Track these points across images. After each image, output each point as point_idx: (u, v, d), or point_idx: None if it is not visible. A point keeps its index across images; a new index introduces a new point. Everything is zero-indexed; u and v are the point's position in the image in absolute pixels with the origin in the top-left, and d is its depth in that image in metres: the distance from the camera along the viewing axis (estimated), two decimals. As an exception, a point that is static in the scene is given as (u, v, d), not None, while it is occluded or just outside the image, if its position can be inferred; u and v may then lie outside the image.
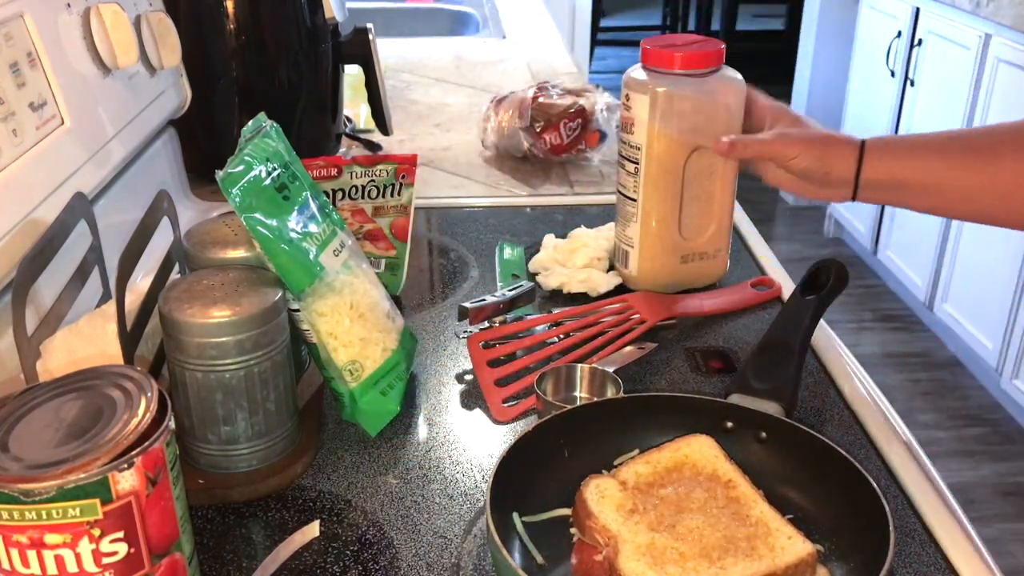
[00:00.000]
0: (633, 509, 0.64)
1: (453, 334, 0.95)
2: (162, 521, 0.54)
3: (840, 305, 2.25)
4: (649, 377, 0.89)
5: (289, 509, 0.72)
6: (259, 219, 0.70)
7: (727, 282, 1.05)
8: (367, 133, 1.51)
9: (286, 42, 1.26)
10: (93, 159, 0.88)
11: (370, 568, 0.66)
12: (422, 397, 0.86)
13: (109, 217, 0.89)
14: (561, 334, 0.93)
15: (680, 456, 0.69)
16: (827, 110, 4.07)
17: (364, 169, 0.95)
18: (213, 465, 0.73)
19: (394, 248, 0.99)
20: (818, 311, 0.82)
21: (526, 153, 1.38)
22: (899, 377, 3.08)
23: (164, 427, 0.54)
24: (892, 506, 0.65)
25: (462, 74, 1.91)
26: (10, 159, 0.74)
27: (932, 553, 0.68)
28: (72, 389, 0.56)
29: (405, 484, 0.74)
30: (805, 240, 4.04)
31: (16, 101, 0.76)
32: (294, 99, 1.28)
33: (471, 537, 0.69)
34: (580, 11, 4.14)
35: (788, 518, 0.64)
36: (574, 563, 0.64)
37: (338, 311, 0.75)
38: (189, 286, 0.71)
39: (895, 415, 0.84)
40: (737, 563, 0.60)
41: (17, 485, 0.49)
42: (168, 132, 1.17)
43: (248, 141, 0.73)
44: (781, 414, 0.73)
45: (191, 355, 0.69)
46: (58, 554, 0.51)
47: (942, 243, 3.08)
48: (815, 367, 0.90)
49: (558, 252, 1.05)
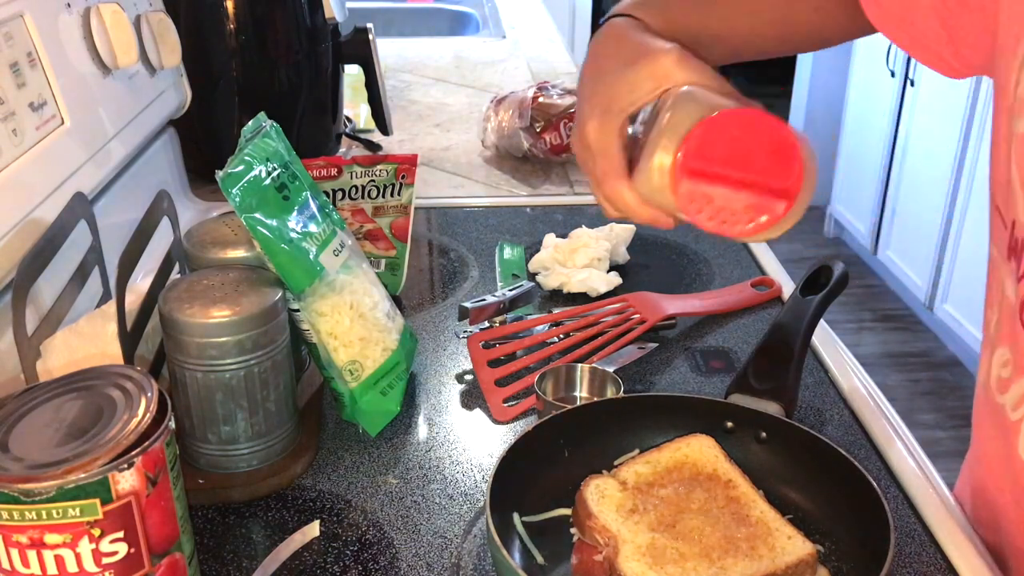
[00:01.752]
0: (633, 509, 0.64)
1: (453, 334, 0.95)
2: (162, 521, 0.54)
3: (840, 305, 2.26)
4: (649, 377, 0.89)
5: (289, 509, 0.72)
6: (259, 219, 0.70)
7: (727, 282, 1.05)
8: (367, 133, 1.51)
9: (286, 42, 1.26)
10: (93, 159, 0.88)
11: (370, 568, 0.66)
12: (422, 397, 0.86)
13: (109, 217, 0.89)
14: (561, 334, 0.93)
15: (680, 456, 0.69)
16: (827, 110, 4.08)
17: (364, 169, 0.95)
18: (213, 465, 0.73)
19: (394, 248, 0.99)
20: (818, 311, 0.82)
21: (526, 153, 1.38)
22: (899, 377, 3.09)
23: (164, 427, 0.54)
24: (892, 506, 0.65)
25: (462, 74, 1.91)
26: (10, 159, 0.74)
27: (932, 553, 0.68)
28: (72, 389, 0.56)
29: (405, 484, 0.74)
30: (805, 240, 4.04)
31: (16, 101, 0.76)
32: (294, 99, 1.28)
33: (471, 537, 0.69)
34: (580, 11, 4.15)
35: (788, 518, 0.64)
36: (574, 563, 0.64)
37: (338, 311, 0.75)
38: (189, 286, 0.71)
39: (895, 415, 0.84)
40: (737, 563, 0.60)
41: (17, 485, 0.49)
42: (168, 132, 1.17)
43: (248, 141, 0.73)
44: (781, 414, 0.73)
45: (191, 355, 0.69)
46: (58, 554, 0.51)
47: (942, 243, 3.08)
48: (815, 367, 0.90)
49: (558, 252, 1.05)
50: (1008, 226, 0.63)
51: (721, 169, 0.56)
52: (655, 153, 0.59)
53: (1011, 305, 0.64)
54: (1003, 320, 0.66)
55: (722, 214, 0.57)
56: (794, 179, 0.56)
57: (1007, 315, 0.65)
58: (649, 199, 0.62)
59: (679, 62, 0.62)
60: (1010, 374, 0.65)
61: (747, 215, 0.57)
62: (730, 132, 0.56)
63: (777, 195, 0.56)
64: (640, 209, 0.64)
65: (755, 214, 0.57)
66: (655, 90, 0.63)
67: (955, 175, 2.99)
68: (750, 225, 0.57)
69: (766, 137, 0.56)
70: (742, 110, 0.57)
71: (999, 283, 0.67)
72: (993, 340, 0.68)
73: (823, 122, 4.12)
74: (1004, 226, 0.64)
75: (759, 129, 0.56)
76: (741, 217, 0.57)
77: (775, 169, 0.56)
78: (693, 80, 0.61)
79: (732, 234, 0.58)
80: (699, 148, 0.56)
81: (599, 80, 0.67)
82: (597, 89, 0.67)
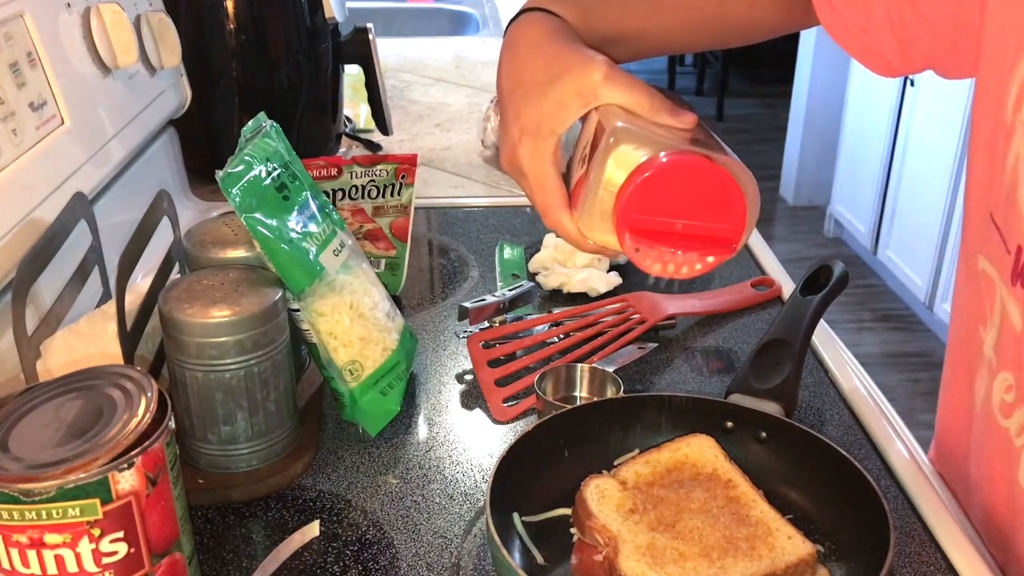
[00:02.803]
0: (633, 509, 0.64)
1: (453, 334, 0.95)
2: (162, 521, 0.54)
3: (840, 305, 2.26)
4: (649, 377, 0.89)
5: (289, 509, 0.72)
6: (259, 219, 0.70)
7: (727, 282, 1.05)
8: (367, 133, 1.51)
9: (286, 42, 1.26)
10: (93, 159, 0.88)
11: (370, 568, 0.66)
12: (422, 397, 0.86)
13: (109, 217, 0.89)
14: (561, 334, 0.93)
15: (680, 456, 0.69)
16: (827, 110, 4.08)
17: (364, 169, 0.95)
18: (213, 465, 0.73)
19: (394, 248, 0.99)
20: (818, 311, 0.82)
21: (526, 153, 1.38)
22: (899, 377, 3.09)
23: (164, 427, 0.54)
24: (892, 506, 0.65)
25: (462, 74, 1.91)
26: (10, 159, 0.74)
27: (932, 553, 0.68)
28: (72, 389, 0.56)
29: (405, 484, 0.74)
30: (805, 240, 4.04)
31: (16, 101, 0.76)
32: (294, 99, 1.28)
33: (471, 537, 0.69)
34: (580, 11, 4.13)
35: (788, 518, 0.64)
36: (574, 563, 0.64)
37: (338, 311, 0.75)
38: (189, 286, 0.71)
39: (895, 415, 0.84)
40: (737, 563, 0.60)
41: (17, 485, 0.49)
42: (168, 132, 1.17)
43: (248, 141, 0.73)
44: (781, 414, 0.73)
45: (191, 355, 0.69)
46: (58, 554, 0.51)
47: (942, 243, 3.08)
48: (815, 367, 0.90)
49: (558, 252, 1.05)
50: (1012, 251, 0.61)
51: (664, 219, 0.56)
52: (596, 201, 0.59)
53: (1015, 332, 0.62)
54: (1004, 344, 0.64)
55: (668, 259, 0.58)
56: (738, 221, 0.56)
57: (1009, 340, 0.63)
58: (591, 237, 0.62)
59: (606, 79, 0.61)
60: (1014, 399, 0.64)
61: (693, 258, 0.57)
62: (669, 183, 0.56)
63: (722, 236, 0.57)
64: (583, 242, 0.63)
65: (701, 257, 0.57)
66: (583, 108, 0.61)
67: (955, 175, 2.99)
68: (697, 266, 0.58)
69: (705, 183, 0.56)
70: (677, 159, 0.56)
71: (994, 301, 0.65)
72: (992, 363, 0.66)
73: (823, 122, 4.12)
74: (1006, 249, 0.62)
75: (697, 176, 0.56)
76: (687, 260, 0.58)
77: (718, 214, 0.56)
78: (622, 99, 0.60)
79: (679, 276, 0.59)
80: (639, 203, 0.56)
81: (523, 95, 0.65)
82: (521, 107, 0.64)
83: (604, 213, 0.59)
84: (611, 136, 0.58)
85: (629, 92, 0.60)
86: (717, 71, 5.58)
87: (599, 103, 0.61)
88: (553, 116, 0.62)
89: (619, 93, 0.60)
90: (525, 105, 0.64)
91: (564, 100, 0.62)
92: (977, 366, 0.69)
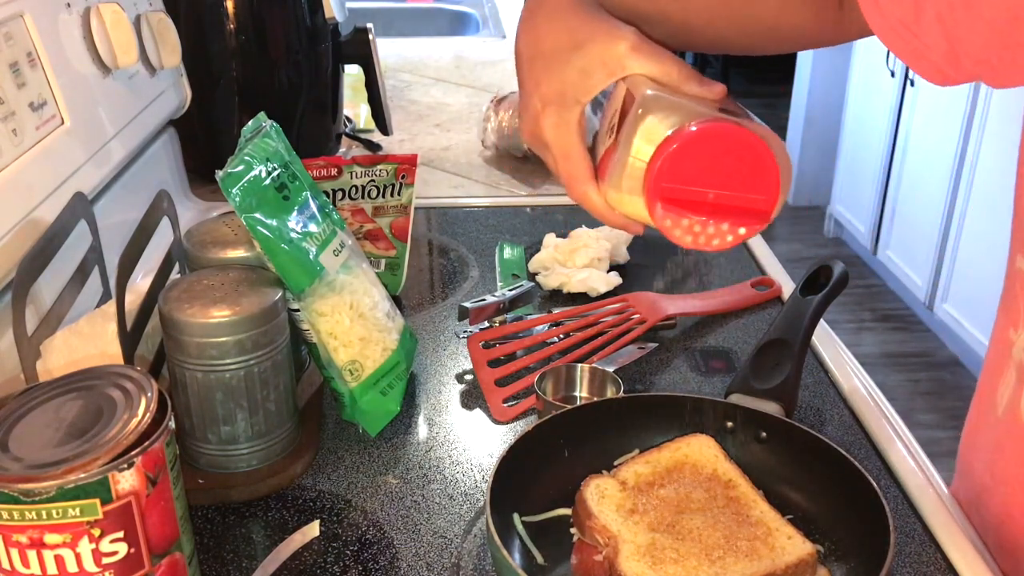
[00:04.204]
0: (633, 509, 0.64)
1: (453, 334, 0.95)
2: (162, 521, 0.54)
3: (840, 305, 2.26)
4: (649, 377, 0.89)
5: (289, 509, 0.72)
6: (259, 219, 0.70)
7: (727, 282, 1.05)
8: (367, 133, 1.51)
9: (286, 42, 1.26)
10: (93, 159, 0.88)
11: (370, 568, 0.66)
12: (422, 397, 0.86)
13: (109, 217, 0.89)
14: (561, 334, 0.93)
15: (680, 456, 0.69)
16: (827, 110, 4.08)
17: (364, 169, 0.95)
18: (213, 465, 0.73)
19: (394, 248, 0.99)
20: (818, 311, 0.82)
21: (526, 153, 1.38)
22: (899, 377, 3.09)
23: (164, 427, 0.54)
24: (892, 506, 0.65)
25: (462, 74, 1.91)
26: (10, 159, 0.74)
27: (932, 553, 0.68)
28: (72, 389, 0.56)
29: (405, 484, 0.74)
30: (805, 240, 4.04)
31: (16, 101, 0.76)
32: (294, 99, 1.28)
33: (471, 537, 0.69)
34: (580, 11, 4.13)
35: (788, 518, 0.64)
36: (574, 563, 0.64)
37: (338, 311, 0.75)
38: (189, 286, 0.71)
39: (895, 415, 0.84)
40: (737, 563, 0.60)
41: (17, 485, 0.49)
42: (168, 132, 1.17)
43: (248, 141, 0.73)
44: (781, 414, 0.73)
45: (191, 355, 0.69)
46: (58, 554, 0.51)
47: (942, 243, 3.08)
48: (815, 367, 0.90)
49: (558, 252, 1.05)
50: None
51: (696, 189, 0.55)
52: (624, 171, 0.57)
53: None
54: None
55: (699, 230, 0.56)
56: (772, 190, 0.55)
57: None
58: (619, 209, 0.61)
59: (634, 50, 0.58)
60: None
61: (725, 230, 0.56)
62: (702, 151, 0.55)
63: (755, 207, 0.55)
64: (610, 215, 0.61)
65: (733, 228, 0.56)
66: (609, 79, 0.59)
67: (955, 175, 2.99)
68: (729, 238, 0.56)
69: (738, 151, 0.55)
70: (710, 127, 0.55)
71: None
72: (1021, 365, 0.64)
73: (823, 122, 4.12)
74: None
75: (730, 143, 0.55)
76: (719, 232, 0.56)
77: (751, 183, 0.55)
78: (649, 70, 0.58)
79: (710, 248, 0.57)
80: (671, 171, 0.55)
81: (544, 65, 0.62)
82: (542, 77, 0.61)
83: (634, 184, 0.57)
84: (640, 106, 0.57)
85: (658, 63, 0.58)
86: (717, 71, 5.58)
87: (625, 74, 0.59)
88: (576, 85, 0.60)
89: (647, 64, 0.58)
90: (546, 74, 0.62)
91: (588, 69, 0.59)
92: (1004, 368, 0.68)
